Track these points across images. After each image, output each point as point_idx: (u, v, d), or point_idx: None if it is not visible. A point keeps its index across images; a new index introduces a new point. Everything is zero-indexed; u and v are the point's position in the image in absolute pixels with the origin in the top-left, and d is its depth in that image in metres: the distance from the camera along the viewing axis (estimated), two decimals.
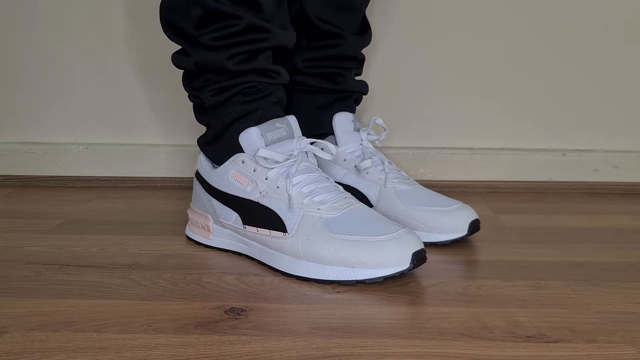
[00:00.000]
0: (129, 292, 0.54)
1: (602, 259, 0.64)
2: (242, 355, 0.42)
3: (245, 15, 0.59)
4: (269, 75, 0.63)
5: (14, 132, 1.01)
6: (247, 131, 0.61)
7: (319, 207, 0.58)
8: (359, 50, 0.77)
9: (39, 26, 0.97)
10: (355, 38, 0.74)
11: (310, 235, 0.56)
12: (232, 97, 0.62)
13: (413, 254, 0.54)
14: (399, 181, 0.71)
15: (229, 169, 0.62)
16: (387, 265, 0.54)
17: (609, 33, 0.96)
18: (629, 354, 0.43)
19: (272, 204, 0.59)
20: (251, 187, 0.61)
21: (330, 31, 0.71)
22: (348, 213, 0.58)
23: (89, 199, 0.91)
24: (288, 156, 0.60)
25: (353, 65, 0.76)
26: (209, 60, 0.61)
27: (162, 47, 0.96)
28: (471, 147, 1.00)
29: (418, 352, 0.43)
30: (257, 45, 0.61)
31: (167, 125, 1.00)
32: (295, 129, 0.63)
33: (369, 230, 0.56)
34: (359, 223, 0.56)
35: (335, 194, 0.60)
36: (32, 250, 0.66)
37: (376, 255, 0.54)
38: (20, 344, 0.44)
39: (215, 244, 0.66)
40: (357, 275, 0.54)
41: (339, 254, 0.55)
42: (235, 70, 0.61)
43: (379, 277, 0.54)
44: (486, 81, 0.98)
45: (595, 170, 0.99)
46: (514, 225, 0.78)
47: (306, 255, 0.56)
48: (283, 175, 0.59)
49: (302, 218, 0.57)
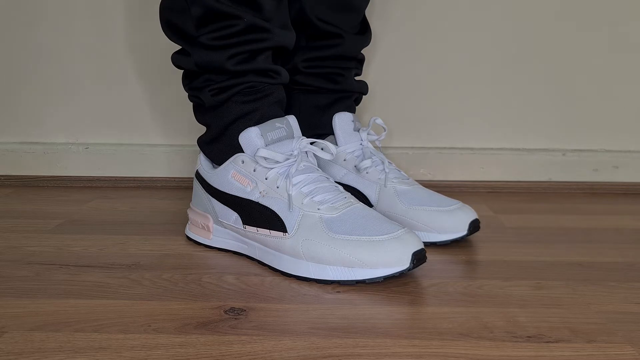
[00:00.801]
0: (129, 292, 0.54)
1: (602, 259, 0.64)
2: (242, 355, 0.42)
3: (245, 15, 0.59)
4: (269, 75, 0.63)
5: (14, 132, 1.01)
6: (247, 131, 0.61)
7: (319, 207, 0.58)
8: (359, 51, 0.77)
9: (39, 26, 0.97)
10: (355, 38, 0.74)
11: (310, 235, 0.56)
12: (232, 97, 0.62)
13: (413, 253, 0.54)
14: (398, 181, 0.71)
15: (229, 169, 0.62)
16: (387, 265, 0.54)
17: (609, 33, 0.96)
18: (629, 354, 0.43)
19: (272, 204, 0.59)
20: (251, 187, 0.61)
21: (329, 31, 0.71)
22: (348, 213, 0.58)
23: (89, 199, 0.91)
24: (288, 156, 0.60)
25: (353, 66, 0.76)
26: (209, 60, 0.61)
27: (162, 48, 0.96)
28: (471, 147, 1.00)
29: (418, 352, 0.43)
30: (257, 45, 0.61)
31: (167, 125, 1.00)
32: (295, 129, 0.63)
33: (369, 230, 0.56)
34: (359, 223, 0.56)
35: (335, 193, 0.60)
36: (32, 250, 0.66)
37: (376, 255, 0.54)
38: (20, 344, 0.44)
39: (215, 244, 0.66)
40: (357, 275, 0.54)
41: (339, 254, 0.55)
42: (235, 70, 0.61)
43: (378, 277, 0.54)
44: (486, 81, 0.98)
45: (595, 170, 0.99)
46: (514, 225, 0.78)
47: (306, 255, 0.56)
48: (283, 175, 0.59)
49: (302, 218, 0.57)
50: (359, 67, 0.79)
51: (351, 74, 0.77)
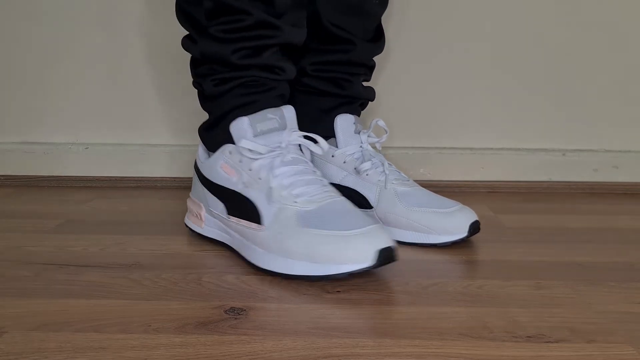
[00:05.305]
0: (129, 292, 0.54)
1: (602, 259, 0.64)
2: (242, 355, 0.42)
3: (254, 11, 0.59)
4: (274, 71, 0.63)
5: (14, 132, 1.01)
6: (238, 121, 0.61)
7: (296, 200, 0.57)
8: (370, 58, 0.76)
9: (39, 26, 0.97)
10: (367, 45, 0.73)
11: (282, 228, 0.56)
12: (233, 88, 0.63)
13: (378, 250, 0.52)
14: (399, 182, 0.71)
15: (219, 160, 0.63)
16: (351, 261, 0.52)
17: (609, 33, 0.96)
18: (629, 354, 0.43)
19: (253, 195, 0.59)
20: (236, 178, 0.61)
21: (341, 36, 0.71)
22: (325, 206, 0.57)
23: (89, 199, 0.91)
24: (274, 148, 0.60)
25: (362, 72, 0.76)
26: (214, 51, 0.61)
27: (163, 47, 0.96)
28: (471, 147, 1.00)
29: (418, 352, 0.43)
30: (264, 42, 0.61)
31: (167, 125, 1.00)
32: (289, 121, 0.62)
33: (341, 224, 0.54)
34: (333, 217, 0.55)
35: (316, 187, 0.59)
36: (32, 250, 0.66)
37: (340, 250, 0.53)
38: (20, 344, 0.44)
39: (206, 233, 0.67)
40: (322, 271, 0.53)
41: (305, 248, 0.54)
42: (239, 64, 0.61)
43: (343, 273, 0.53)
44: (486, 81, 0.98)
45: (595, 170, 0.99)
46: (514, 225, 0.78)
47: (275, 249, 0.56)
48: (267, 167, 0.59)
49: (278, 211, 0.57)
50: (368, 73, 0.78)
51: (359, 80, 0.76)
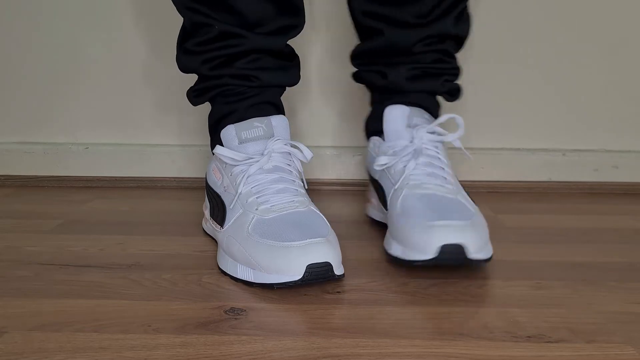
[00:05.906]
0: (129, 292, 0.54)
1: (602, 259, 0.64)
2: (242, 355, 0.43)
3: (219, 24, 0.62)
4: (248, 79, 0.65)
5: (14, 132, 1.01)
6: (226, 129, 0.64)
7: (257, 208, 0.58)
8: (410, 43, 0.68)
9: (39, 26, 0.97)
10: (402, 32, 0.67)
11: (233, 232, 0.58)
12: (214, 97, 0.67)
13: (308, 265, 0.51)
14: (414, 185, 0.63)
15: (212, 163, 0.67)
16: (280, 272, 0.52)
17: (609, 33, 0.96)
18: (629, 354, 0.43)
19: (227, 198, 0.62)
20: (220, 181, 0.64)
21: (371, 26, 0.68)
22: (282, 217, 0.56)
23: (89, 199, 0.91)
24: (253, 155, 0.61)
25: (402, 61, 0.69)
26: (186, 64, 0.66)
27: (163, 48, 0.96)
28: (471, 147, 1.00)
29: (418, 352, 0.43)
30: (231, 51, 0.64)
31: (167, 125, 1.00)
32: (276, 130, 0.63)
33: (286, 235, 0.53)
34: (282, 227, 0.55)
35: (284, 196, 0.59)
36: (32, 250, 0.66)
37: (273, 261, 0.52)
38: (20, 344, 0.44)
39: (206, 230, 0.71)
40: (257, 278, 0.54)
41: (245, 255, 0.55)
42: (210, 74, 0.65)
43: (271, 283, 0.53)
44: (486, 81, 0.98)
45: (595, 170, 0.99)
46: (514, 225, 0.78)
47: (228, 251, 0.58)
48: (243, 173, 0.61)
49: (239, 216, 0.59)
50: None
51: (400, 69, 0.69)
